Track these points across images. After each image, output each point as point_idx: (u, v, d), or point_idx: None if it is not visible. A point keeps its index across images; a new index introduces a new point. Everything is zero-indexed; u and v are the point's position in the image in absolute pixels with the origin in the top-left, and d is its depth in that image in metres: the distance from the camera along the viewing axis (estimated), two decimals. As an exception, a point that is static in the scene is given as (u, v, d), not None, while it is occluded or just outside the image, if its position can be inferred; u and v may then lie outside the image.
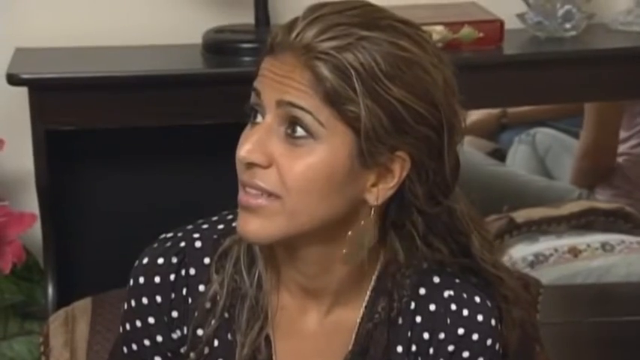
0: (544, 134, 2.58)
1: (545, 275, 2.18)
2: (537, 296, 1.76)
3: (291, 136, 0.98)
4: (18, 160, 1.93)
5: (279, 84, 0.98)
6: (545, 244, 2.33)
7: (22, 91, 1.79)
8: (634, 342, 2.27)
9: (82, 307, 1.69)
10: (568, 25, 1.96)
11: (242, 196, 1.04)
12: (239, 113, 1.84)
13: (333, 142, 1.01)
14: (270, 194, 1.02)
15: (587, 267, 2.34)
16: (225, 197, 1.49)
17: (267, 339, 1.15)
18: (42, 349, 1.69)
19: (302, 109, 0.97)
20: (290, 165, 1.00)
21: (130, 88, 1.89)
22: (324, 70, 0.96)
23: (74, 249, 2.02)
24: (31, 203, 1.91)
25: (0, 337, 1.94)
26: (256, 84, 1.04)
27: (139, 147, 1.98)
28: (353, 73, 0.97)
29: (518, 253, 2.35)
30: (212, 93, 1.88)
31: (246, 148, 1.00)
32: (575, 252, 2.35)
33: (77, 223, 2.01)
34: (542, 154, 2.57)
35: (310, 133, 0.99)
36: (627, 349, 2.24)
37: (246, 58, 1.85)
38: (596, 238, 2.36)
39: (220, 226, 1.21)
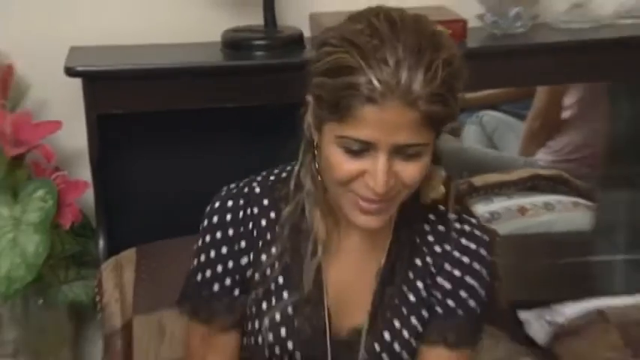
0: (490, 116, 2.59)
1: (500, 230, 2.22)
2: (492, 242, 2.32)
3: (403, 155, 1.13)
4: (74, 139, 1.96)
5: (390, 130, 1.10)
6: (499, 204, 2.40)
7: (77, 82, 1.84)
8: (573, 278, 2.35)
9: (128, 256, 1.92)
10: (518, 24, 2.04)
11: (367, 206, 1.20)
12: (254, 98, 1.91)
13: (431, 145, 1.18)
14: (391, 199, 1.24)
15: (533, 222, 2.42)
16: (238, 171, 1.52)
17: (319, 266, 1.34)
18: (96, 290, 1.91)
19: (415, 145, 1.12)
20: (406, 170, 1.16)
21: (165, 78, 1.95)
22: (431, 107, 1.08)
23: (119, 210, 2.04)
24: (84, 173, 1.96)
25: (62, 281, 2.03)
26: (365, 135, 1.12)
27: (172, 127, 2.00)
28: (449, 97, 1.10)
29: (477, 211, 2.49)
30: (232, 81, 1.96)
31: (381, 186, 1.14)
32: (522, 210, 2.43)
33: (122, 190, 2.04)
34: (489, 132, 2.60)
35: (420, 151, 1.16)
36: (567, 285, 2.29)
37: (258, 53, 1.95)
38: (539, 199, 2.45)
39: (272, 178, 1.40)
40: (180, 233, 1.77)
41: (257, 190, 1.39)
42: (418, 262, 1.38)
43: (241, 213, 1.37)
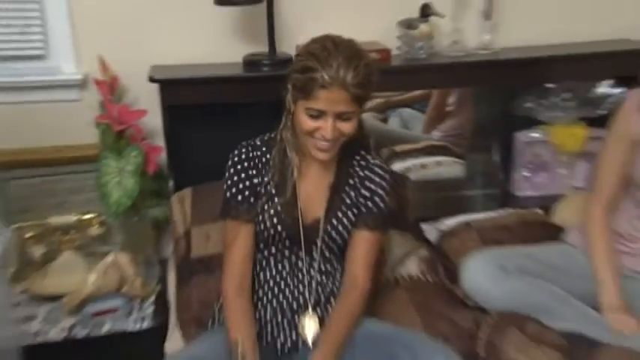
0: (406, 112, 2.69)
1: (411, 177, 2.44)
2: (405, 182, 2.36)
3: (341, 118, 1.47)
4: (154, 120, 2.17)
5: (334, 103, 1.45)
6: (410, 162, 2.56)
7: (155, 86, 2.09)
8: (453, 204, 2.55)
9: (186, 192, 2.17)
10: (421, 52, 2.27)
11: (322, 145, 1.53)
12: (261, 96, 1.99)
13: (357, 112, 1.51)
14: (335, 142, 1.53)
15: (430, 173, 2.60)
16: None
17: (294, 183, 1.63)
18: (168, 212, 2.18)
19: (348, 112, 1.47)
20: (343, 127, 1.50)
21: (208, 83, 2.18)
22: (357, 91, 1.45)
23: (181, 164, 2.21)
24: (160, 141, 2.19)
25: (147, 206, 2.23)
26: (320, 106, 1.47)
27: (212, 113, 2.17)
28: (367, 86, 1.47)
29: (397, 166, 2.54)
30: (248, 86, 2.21)
31: (329, 134, 1.49)
32: (424, 166, 2.59)
33: (182, 151, 2.19)
34: (405, 121, 2.70)
35: (351, 115, 1.48)
36: (449, 208, 2.47)
37: (265, 69, 2.18)
38: (433, 159, 2.63)
39: (265, 137, 1.68)
40: (217, 179, 1.81)
41: (258, 142, 1.68)
42: (350, 181, 1.69)
43: (250, 154, 1.66)
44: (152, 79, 2.08)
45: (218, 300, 1.74)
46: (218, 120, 2.17)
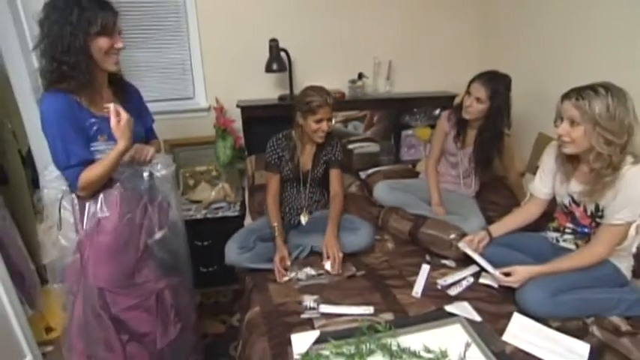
0: (354, 123, 2.38)
1: (355, 152, 2.32)
2: (351, 153, 2.34)
3: (329, 120, 1.54)
4: (238, 124, 2.23)
5: (326, 113, 1.54)
6: (356, 145, 2.40)
7: (238, 110, 2.18)
8: (374, 164, 2.37)
9: (252, 157, 2.21)
10: (359, 93, 2.32)
11: (320, 135, 1.56)
12: (287, 114, 1.75)
13: (332, 116, 1.54)
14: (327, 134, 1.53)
15: (367, 150, 2.41)
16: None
17: (298, 155, 1.65)
18: (245, 165, 2.24)
19: (331, 118, 1.56)
20: (328, 125, 1.55)
21: (263, 107, 2.22)
22: (332, 107, 1.53)
23: (252, 143, 2.25)
24: (240, 133, 2.26)
25: (236, 163, 2.22)
26: (320, 115, 1.53)
27: (267, 122, 2.07)
28: (334, 105, 1.55)
29: (349, 146, 2.36)
30: (280, 110, 2.16)
31: (325, 131, 1.53)
32: (362, 147, 2.39)
33: (251, 139, 2.24)
34: (355, 127, 2.43)
35: (331, 117, 1.54)
36: (372, 166, 2.33)
37: (287, 101, 2.17)
38: (366, 143, 2.41)
39: (284, 133, 1.68)
40: (265, 151, 1.77)
41: (280, 135, 1.68)
42: (323, 151, 1.70)
43: (277, 141, 1.68)
44: (238, 106, 2.18)
45: (265, 205, 1.76)
46: (265, 124, 2.11)
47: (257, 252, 1.52)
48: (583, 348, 1.09)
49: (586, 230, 1.35)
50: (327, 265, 1.43)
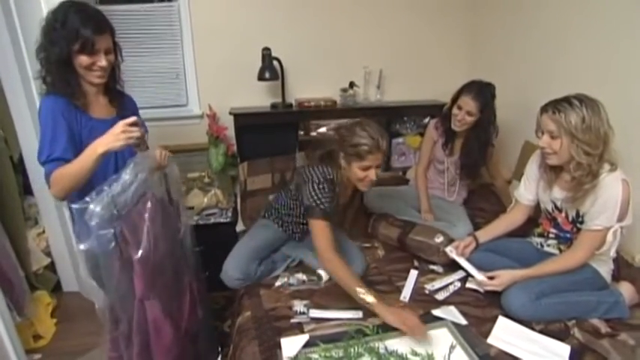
0: None
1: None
2: None
3: (379, 167, 1.29)
4: (231, 131, 2.22)
5: (377, 159, 1.30)
6: None
7: (231, 117, 2.18)
8: None
9: (245, 163, 2.16)
10: (350, 102, 2.32)
11: (366, 183, 1.30)
12: (279, 122, 2.08)
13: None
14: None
15: None
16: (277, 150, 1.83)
17: (338, 199, 1.45)
18: (238, 172, 2.19)
19: (380, 165, 1.30)
20: (376, 173, 1.28)
21: (256, 115, 2.22)
22: (385, 154, 1.29)
23: (244, 150, 2.23)
24: (233, 141, 2.25)
25: (228, 170, 2.25)
26: (369, 162, 1.26)
27: (258, 129, 2.17)
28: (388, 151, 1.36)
29: None
30: (272, 117, 2.23)
31: (373, 180, 1.28)
32: None
33: (244, 146, 2.24)
34: None
35: (379, 165, 1.29)
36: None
37: (280, 109, 2.20)
38: None
39: (324, 175, 1.35)
40: (258, 158, 2.00)
41: (320, 180, 1.36)
42: (357, 197, 1.56)
43: (321, 192, 1.35)
44: (230, 113, 2.19)
45: (258, 211, 1.72)
46: (258, 131, 2.20)
47: (258, 277, 1.47)
48: (564, 349, 1.13)
49: (568, 236, 1.38)
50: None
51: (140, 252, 1.04)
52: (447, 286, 1.45)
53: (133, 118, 1.02)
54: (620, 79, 1.51)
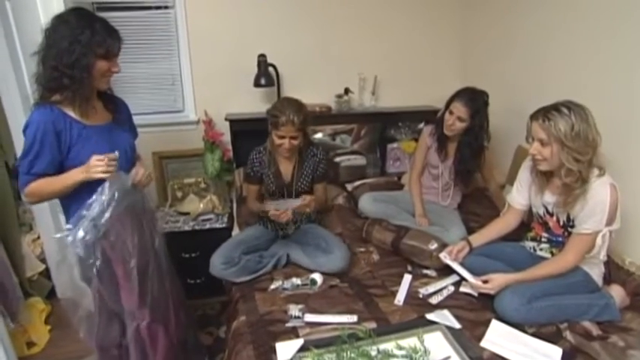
0: (342, 136, 2.38)
1: (341, 164, 2.32)
2: (338, 165, 2.33)
3: (293, 138, 1.46)
4: (227, 137, 2.23)
5: (289, 131, 1.46)
6: (343, 157, 2.40)
7: (227, 123, 2.19)
8: (360, 176, 2.36)
9: (240, 170, 2.15)
10: (345, 108, 2.34)
11: (284, 151, 1.49)
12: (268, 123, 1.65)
13: (301, 134, 1.47)
14: (291, 150, 1.45)
15: (351, 162, 2.41)
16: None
17: (277, 165, 1.60)
18: (233, 177, 2.22)
19: (297, 137, 1.47)
20: (293, 141, 1.46)
21: (251, 121, 2.18)
22: (299, 126, 1.45)
23: (240, 156, 2.18)
24: (229, 146, 2.24)
25: (224, 175, 2.26)
26: (282, 132, 1.46)
27: (251, 135, 1.95)
28: (305, 124, 1.47)
29: (336, 159, 2.37)
30: (267, 124, 1.75)
31: (287, 149, 1.43)
32: (349, 159, 2.40)
33: (239, 150, 2.20)
34: (342, 140, 2.42)
35: (298, 136, 1.46)
36: (360, 178, 2.31)
37: (274, 112, 1.74)
38: (353, 156, 2.42)
39: (263, 146, 1.62)
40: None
41: (261, 148, 1.65)
42: (306, 164, 1.67)
43: (256, 155, 1.66)
44: (226, 119, 2.20)
45: (247, 210, 1.80)
46: (253, 137, 1.99)
47: (242, 266, 1.52)
48: (556, 352, 1.14)
49: (560, 239, 1.40)
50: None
51: (126, 266, 1.11)
52: (440, 290, 1.46)
53: (115, 154, 1.09)
54: (612, 83, 1.53)
